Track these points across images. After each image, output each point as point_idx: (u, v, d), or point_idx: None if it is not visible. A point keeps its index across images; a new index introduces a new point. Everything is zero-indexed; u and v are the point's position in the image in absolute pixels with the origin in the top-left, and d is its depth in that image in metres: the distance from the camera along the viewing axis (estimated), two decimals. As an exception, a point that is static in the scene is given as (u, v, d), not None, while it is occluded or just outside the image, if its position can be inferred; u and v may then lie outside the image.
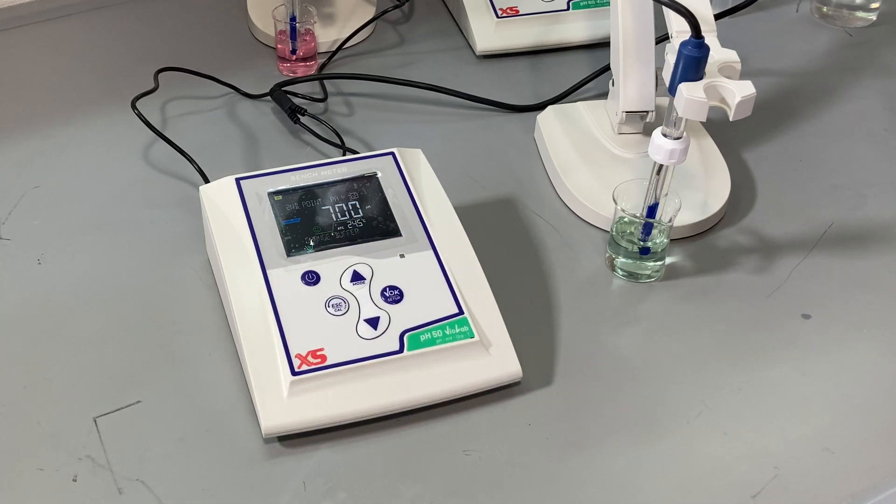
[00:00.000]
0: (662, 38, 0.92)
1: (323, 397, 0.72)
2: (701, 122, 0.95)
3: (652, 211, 0.83)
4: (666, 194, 0.82)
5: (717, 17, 1.05)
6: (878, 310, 0.84)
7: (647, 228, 0.84)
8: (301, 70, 1.05)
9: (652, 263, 0.85)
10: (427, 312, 0.76)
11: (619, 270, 0.86)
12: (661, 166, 0.80)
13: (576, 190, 0.91)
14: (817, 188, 0.95)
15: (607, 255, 0.87)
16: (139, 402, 0.75)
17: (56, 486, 0.70)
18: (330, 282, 0.77)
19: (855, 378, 0.79)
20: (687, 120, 0.76)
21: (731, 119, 0.74)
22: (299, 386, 0.72)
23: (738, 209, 0.93)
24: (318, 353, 0.73)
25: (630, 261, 0.85)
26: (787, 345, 0.81)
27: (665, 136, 0.78)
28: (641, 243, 0.84)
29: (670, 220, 0.83)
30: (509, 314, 0.78)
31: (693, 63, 0.73)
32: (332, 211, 0.81)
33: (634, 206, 0.84)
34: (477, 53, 1.09)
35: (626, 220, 0.85)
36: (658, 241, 0.84)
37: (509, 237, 0.90)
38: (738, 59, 0.76)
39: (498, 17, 1.09)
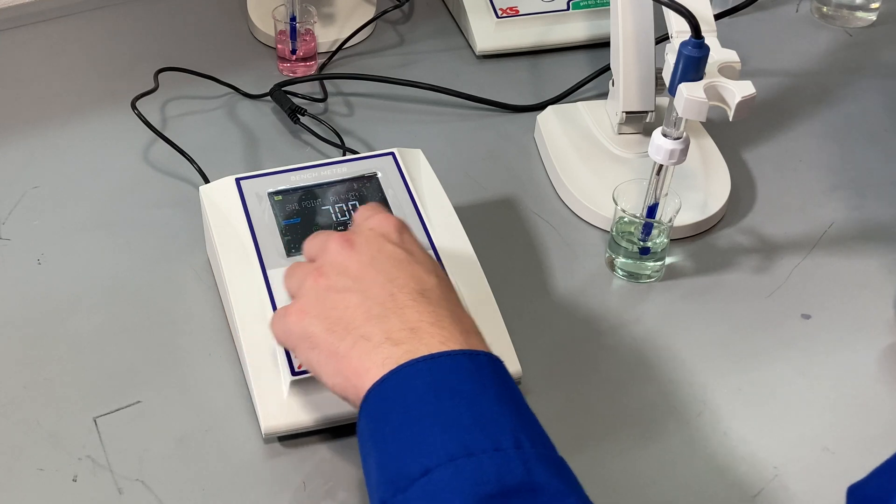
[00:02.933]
0: (662, 38, 0.91)
1: (323, 397, 0.72)
2: (701, 122, 0.95)
3: (652, 211, 0.83)
4: (666, 194, 0.82)
5: (717, 17, 1.05)
6: (879, 310, 0.84)
7: (647, 228, 0.84)
8: (301, 70, 1.05)
9: (652, 263, 0.85)
10: (427, 312, 0.76)
11: (619, 270, 0.86)
12: (661, 166, 0.80)
13: (576, 190, 0.91)
14: (817, 188, 0.95)
15: (607, 255, 0.87)
16: (139, 402, 0.75)
17: (56, 486, 0.70)
18: (330, 282, 0.77)
19: (855, 378, 0.79)
20: (687, 120, 0.76)
21: (731, 119, 0.74)
22: (299, 386, 0.72)
23: (738, 209, 0.93)
24: (318, 353, 0.73)
25: (630, 261, 0.85)
26: (787, 345, 0.81)
27: (665, 136, 0.78)
28: (641, 243, 0.84)
29: (670, 220, 0.83)
30: (509, 314, 0.78)
31: (693, 63, 0.73)
32: (332, 211, 0.81)
33: (634, 206, 0.84)
34: (477, 53, 1.09)
35: (626, 220, 0.85)
36: (658, 241, 0.84)
37: (509, 237, 0.90)
38: (738, 59, 0.76)
39: (498, 17, 1.09)
